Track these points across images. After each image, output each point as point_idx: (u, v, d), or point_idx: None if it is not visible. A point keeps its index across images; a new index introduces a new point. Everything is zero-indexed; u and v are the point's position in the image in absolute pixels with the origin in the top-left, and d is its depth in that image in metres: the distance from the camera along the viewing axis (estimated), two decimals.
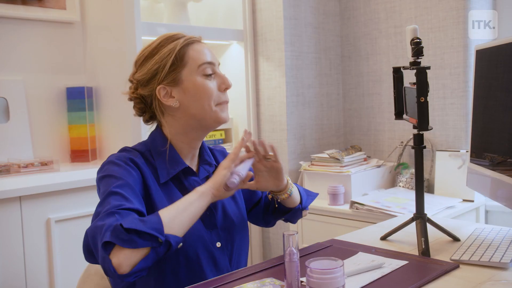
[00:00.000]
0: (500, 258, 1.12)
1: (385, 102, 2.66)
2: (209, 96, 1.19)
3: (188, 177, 1.23)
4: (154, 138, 1.23)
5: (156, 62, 1.18)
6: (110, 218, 1.01)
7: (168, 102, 1.19)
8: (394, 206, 2.10)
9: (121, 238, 0.96)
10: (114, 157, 1.17)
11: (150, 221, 1.00)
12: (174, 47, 1.18)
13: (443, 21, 2.39)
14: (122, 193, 1.07)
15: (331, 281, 0.85)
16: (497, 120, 1.36)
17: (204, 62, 1.19)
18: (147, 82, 1.20)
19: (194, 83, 1.18)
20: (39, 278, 1.82)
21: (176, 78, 1.18)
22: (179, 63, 1.18)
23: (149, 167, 1.19)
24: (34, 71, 2.20)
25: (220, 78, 1.22)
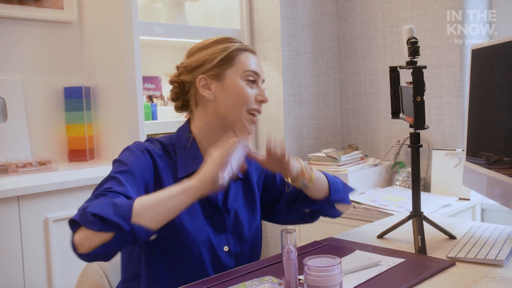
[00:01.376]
0: (496, 256, 1.13)
1: (382, 102, 2.68)
2: (244, 99, 1.21)
3: None
4: (181, 133, 1.26)
5: (207, 54, 1.22)
6: (94, 200, 1.02)
7: (204, 93, 1.21)
8: (390, 204, 2.12)
9: (85, 219, 0.97)
10: (133, 144, 1.20)
11: (121, 207, 0.99)
12: (229, 47, 1.22)
13: (439, 21, 2.40)
14: (120, 178, 1.09)
15: (329, 278, 0.86)
16: (492, 119, 1.38)
17: (251, 69, 1.22)
18: (192, 69, 1.23)
19: (235, 83, 1.21)
20: (37, 277, 1.82)
21: (219, 74, 1.21)
22: (227, 61, 1.21)
23: (167, 160, 1.20)
24: (32, 71, 2.20)
25: (259, 90, 1.24)
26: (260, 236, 1.33)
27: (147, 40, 2.31)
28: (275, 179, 1.37)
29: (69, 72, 2.30)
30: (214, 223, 1.22)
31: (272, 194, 1.37)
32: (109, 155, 2.27)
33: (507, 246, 1.19)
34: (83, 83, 2.28)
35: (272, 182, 1.37)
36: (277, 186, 1.37)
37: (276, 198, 1.37)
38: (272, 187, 1.37)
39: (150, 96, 2.47)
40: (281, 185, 1.36)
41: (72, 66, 2.31)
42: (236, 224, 1.25)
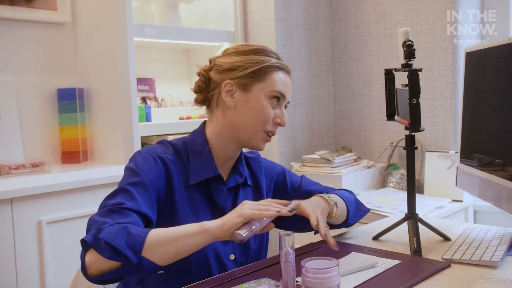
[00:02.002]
0: (491, 257, 1.14)
1: (375, 104, 2.69)
2: (263, 118, 1.20)
3: (216, 185, 1.22)
4: (195, 137, 1.25)
5: (242, 61, 1.20)
6: (107, 217, 1.01)
7: (226, 98, 1.20)
8: (384, 206, 2.12)
9: (97, 244, 0.97)
10: (145, 150, 1.18)
11: (133, 237, 0.98)
12: (265, 61, 1.20)
13: (432, 24, 2.42)
14: (132, 192, 1.07)
15: (327, 280, 0.87)
16: (485, 121, 1.39)
17: (279, 90, 1.21)
18: (223, 71, 1.22)
19: (259, 99, 1.19)
20: (31, 280, 1.81)
21: (247, 85, 1.20)
22: (259, 75, 1.20)
23: (180, 166, 1.19)
24: (25, 72, 2.19)
25: (280, 112, 1.23)
26: (266, 244, 1.32)
27: (141, 42, 2.30)
28: (286, 187, 1.37)
29: (63, 73, 2.29)
30: None
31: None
32: (102, 157, 2.26)
33: (501, 247, 1.20)
34: (77, 85, 2.27)
35: (282, 190, 1.37)
36: (286, 195, 1.36)
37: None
38: (282, 196, 1.36)
39: (144, 97, 2.46)
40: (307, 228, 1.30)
41: (65, 68, 2.30)
42: None
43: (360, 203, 1.41)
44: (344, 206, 1.31)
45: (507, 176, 1.22)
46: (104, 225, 0.99)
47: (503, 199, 1.27)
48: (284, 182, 1.37)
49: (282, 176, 1.38)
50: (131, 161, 1.16)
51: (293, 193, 1.36)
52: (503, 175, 1.24)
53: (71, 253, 1.88)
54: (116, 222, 1.00)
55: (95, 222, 1.01)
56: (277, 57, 1.25)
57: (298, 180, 1.39)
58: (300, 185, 1.37)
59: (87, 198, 1.94)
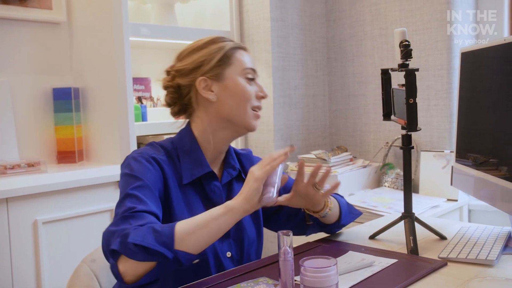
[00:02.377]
0: (486, 256, 1.15)
1: (370, 103, 2.70)
2: (247, 98, 1.21)
3: (209, 182, 1.22)
4: (182, 136, 1.24)
5: (204, 55, 1.21)
6: (123, 224, 1.01)
7: (206, 94, 1.20)
8: (380, 205, 2.13)
9: (128, 249, 0.96)
10: (137, 153, 1.17)
11: (162, 234, 0.98)
12: (224, 46, 1.22)
13: (427, 24, 2.43)
14: (138, 195, 1.07)
15: (325, 279, 0.87)
16: (480, 121, 1.40)
17: (249, 67, 1.23)
18: (189, 72, 1.21)
19: (236, 82, 1.20)
20: (26, 280, 1.80)
21: (219, 74, 1.20)
22: (225, 61, 1.21)
23: (172, 166, 1.19)
24: (20, 71, 2.18)
25: (258, 87, 1.24)
26: (261, 241, 1.32)
27: (137, 41, 2.30)
28: None
29: (58, 73, 2.28)
30: None
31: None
32: (98, 156, 2.25)
33: (497, 246, 1.21)
34: (72, 84, 2.26)
35: None
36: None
37: (275, 209, 1.36)
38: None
39: (140, 97, 2.46)
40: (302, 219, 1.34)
41: (61, 67, 2.29)
42: (238, 229, 1.25)
43: (351, 206, 1.42)
44: (336, 204, 1.33)
45: (501, 175, 1.23)
46: (126, 230, 0.98)
47: (498, 198, 1.28)
48: None
49: None
50: (126, 167, 1.15)
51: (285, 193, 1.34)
52: (498, 174, 1.25)
53: (67, 253, 1.88)
54: (136, 225, 1.00)
55: (113, 233, 1.00)
56: (231, 40, 1.26)
57: (291, 181, 1.37)
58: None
59: (83, 198, 1.93)
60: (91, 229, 1.93)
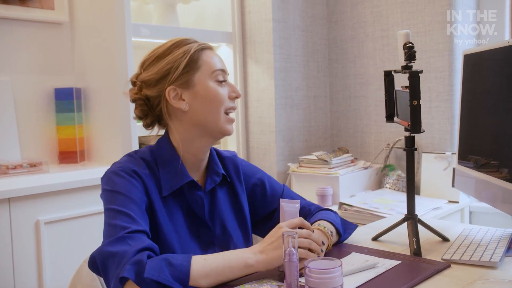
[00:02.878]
0: (490, 258, 1.15)
1: (372, 105, 2.70)
2: (220, 102, 1.17)
3: (192, 192, 1.19)
4: (161, 146, 1.20)
5: (169, 63, 1.15)
6: (121, 245, 1.00)
7: (177, 104, 1.16)
8: (382, 207, 2.13)
9: (142, 280, 0.95)
10: (117, 167, 1.14)
11: (178, 269, 0.98)
12: (189, 49, 1.16)
13: (429, 26, 2.43)
14: (128, 212, 1.06)
15: (330, 280, 0.87)
16: (482, 123, 1.40)
17: (218, 68, 1.18)
18: (156, 82, 1.16)
19: (207, 87, 1.16)
20: (28, 280, 1.80)
21: (188, 81, 1.16)
22: (193, 65, 1.16)
23: (152, 178, 1.15)
24: (22, 71, 2.18)
25: (230, 87, 1.21)
26: (250, 244, 1.29)
27: (139, 42, 2.30)
28: (265, 196, 1.33)
29: (60, 73, 2.28)
30: (201, 239, 1.20)
31: (258, 210, 1.33)
32: (100, 157, 2.25)
33: (500, 248, 1.21)
34: (74, 84, 2.26)
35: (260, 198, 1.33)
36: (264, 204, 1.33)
37: (264, 215, 1.34)
38: (258, 204, 1.33)
39: None
40: None
41: (63, 67, 2.29)
42: (224, 236, 1.23)
43: (346, 221, 1.39)
44: (335, 231, 1.29)
45: (503, 177, 1.24)
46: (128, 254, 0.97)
47: (499, 200, 1.29)
48: (263, 190, 1.33)
49: (261, 183, 1.34)
50: (108, 183, 1.12)
51: (273, 201, 1.33)
52: (499, 176, 1.25)
53: (69, 253, 1.87)
54: (138, 248, 0.99)
55: (113, 255, 0.99)
56: (195, 40, 1.20)
57: (279, 190, 1.36)
58: (282, 195, 1.34)
59: (85, 198, 1.93)
60: (93, 229, 1.92)
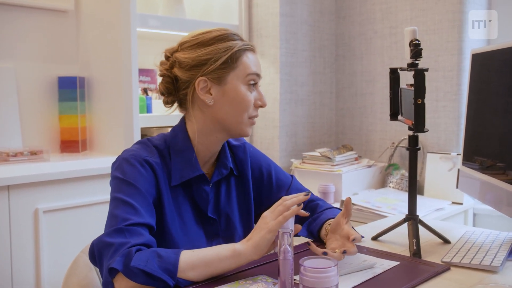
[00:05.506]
0: (491, 262, 1.12)
1: (378, 103, 2.67)
2: (246, 107, 1.15)
3: (199, 185, 1.18)
4: (176, 134, 1.19)
5: (209, 53, 1.13)
6: (119, 237, 1.00)
7: (203, 97, 1.14)
8: (384, 206, 2.11)
9: (130, 271, 0.95)
10: (129, 154, 1.13)
11: (166, 260, 0.97)
12: (232, 46, 1.13)
13: (438, 24, 2.40)
14: (133, 203, 1.05)
15: (325, 280, 0.85)
16: (488, 124, 1.37)
17: (254, 72, 1.15)
18: (190, 68, 1.14)
19: (237, 89, 1.14)
20: (26, 268, 1.80)
21: (221, 77, 1.13)
22: (231, 63, 1.13)
23: (163, 167, 1.14)
24: (25, 59, 2.17)
25: (258, 94, 1.18)
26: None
27: (143, 32, 2.28)
28: (271, 184, 1.32)
29: (64, 61, 2.27)
30: (206, 229, 1.19)
31: (263, 199, 1.32)
32: (102, 147, 2.24)
33: (502, 252, 1.18)
34: (78, 74, 2.25)
35: (266, 186, 1.32)
36: (269, 193, 1.32)
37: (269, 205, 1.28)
38: (263, 192, 1.32)
39: (145, 89, 2.44)
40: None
41: (67, 56, 2.28)
42: (228, 228, 1.23)
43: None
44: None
45: (508, 180, 1.21)
46: (123, 247, 0.97)
47: (504, 203, 1.26)
48: (269, 178, 1.32)
49: (267, 171, 1.33)
50: (118, 170, 1.11)
51: (278, 193, 1.31)
52: (504, 178, 1.23)
53: (67, 242, 1.87)
54: (134, 243, 0.99)
55: (109, 246, 0.99)
56: (239, 38, 1.17)
57: (287, 180, 1.34)
58: (289, 187, 1.33)
59: (85, 187, 1.93)
60: (92, 219, 1.92)
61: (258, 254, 1.03)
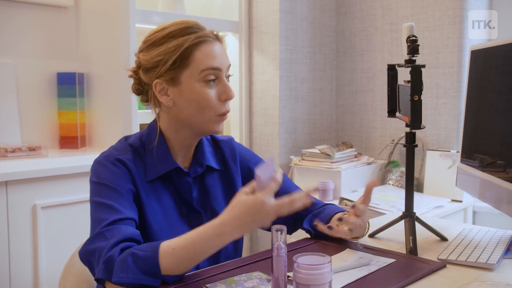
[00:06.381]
0: (487, 259, 1.12)
1: (378, 100, 2.66)
2: (206, 105, 1.11)
3: (180, 176, 1.18)
4: (150, 131, 1.18)
5: (160, 54, 1.10)
6: (100, 240, 1.00)
7: (161, 99, 1.13)
8: (383, 203, 2.11)
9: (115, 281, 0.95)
10: (102, 157, 1.13)
11: (145, 261, 0.96)
12: (182, 43, 1.09)
13: (439, 20, 2.38)
14: (109, 203, 1.05)
15: (319, 277, 0.85)
16: (488, 121, 1.36)
17: (208, 67, 1.10)
18: (147, 70, 1.13)
19: (192, 88, 1.10)
20: (23, 264, 1.80)
21: (175, 78, 1.10)
22: (181, 62, 1.09)
23: (138, 163, 1.14)
24: (25, 54, 2.17)
25: (222, 87, 1.12)
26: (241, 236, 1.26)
27: (143, 28, 2.28)
28: None
29: (63, 57, 2.27)
30: (192, 223, 1.18)
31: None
32: (101, 143, 2.24)
33: (499, 249, 1.18)
34: (77, 69, 2.25)
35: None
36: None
37: None
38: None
39: None
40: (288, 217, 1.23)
41: (66, 52, 2.28)
42: None
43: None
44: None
45: (508, 177, 1.20)
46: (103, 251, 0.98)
47: (503, 201, 1.25)
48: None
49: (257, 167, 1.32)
50: (93, 174, 1.12)
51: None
52: (504, 176, 1.22)
53: (64, 238, 1.87)
54: (113, 243, 0.98)
55: (92, 253, 1.00)
56: (194, 30, 1.11)
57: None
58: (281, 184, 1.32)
59: (83, 183, 1.90)
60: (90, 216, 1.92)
61: (242, 234, 1.01)
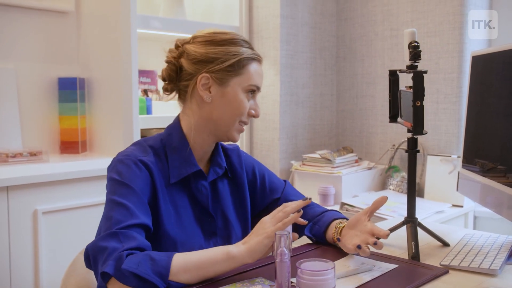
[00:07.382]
0: (490, 265, 1.12)
1: (379, 105, 2.67)
2: (240, 113, 1.17)
3: (197, 181, 1.19)
4: (171, 133, 1.20)
5: (219, 53, 1.15)
6: (113, 241, 1.00)
7: (202, 93, 1.16)
8: (384, 209, 2.10)
9: (121, 275, 0.95)
10: (124, 155, 1.13)
11: (158, 263, 0.97)
12: (242, 53, 1.16)
13: (439, 26, 2.39)
14: (127, 204, 1.05)
15: (322, 283, 0.85)
16: (489, 126, 1.37)
17: (255, 84, 1.18)
18: (197, 62, 1.16)
19: (236, 94, 1.16)
20: (24, 269, 1.79)
21: (224, 79, 1.15)
22: (237, 69, 1.15)
23: (159, 166, 1.15)
24: (26, 59, 2.17)
25: (255, 104, 1.21)
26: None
27: (144, 34, 2.28)
28: (264, 188, 1.33)
29: (64, 62, 2.27)
30: (204, 227, 1.20)
31: (256, 203, 1.32)
32: (102, 148, 2.24)
33: (501, 255, 1.18)
34: (78, 74, 2.25)
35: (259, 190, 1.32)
36: (263, 196, 1.32)
37: (262, 208, 1.33)
38: (256, 195, 1.32)
39: (145, 90, 2.44)
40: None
41: (67, 57, 2.28)
42: (226, 227, 1.23)
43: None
44: None
45: (508, 182, 1.20)
46: (116, 252, 0.98)
47: (504, 206, 1.25)
48: (262, 181, 1.33)
49: (261, 175, 1.34)
50: (113, 171, 1.12)
51: (272, 196, 1.32)
52: (505, 181, 1.22)
53: (65, 244, 1.87)
54: (127, 248, 0.99)
55: (103, 250, 0.99)
56: (250, 46, 1.20)
57: (280, 184, 1.35)
58: (283, 192, 1.33)
59: (84, 189, 1.92)
60: (91, 221, 1.91)
61: (253, 258, 1.03)
